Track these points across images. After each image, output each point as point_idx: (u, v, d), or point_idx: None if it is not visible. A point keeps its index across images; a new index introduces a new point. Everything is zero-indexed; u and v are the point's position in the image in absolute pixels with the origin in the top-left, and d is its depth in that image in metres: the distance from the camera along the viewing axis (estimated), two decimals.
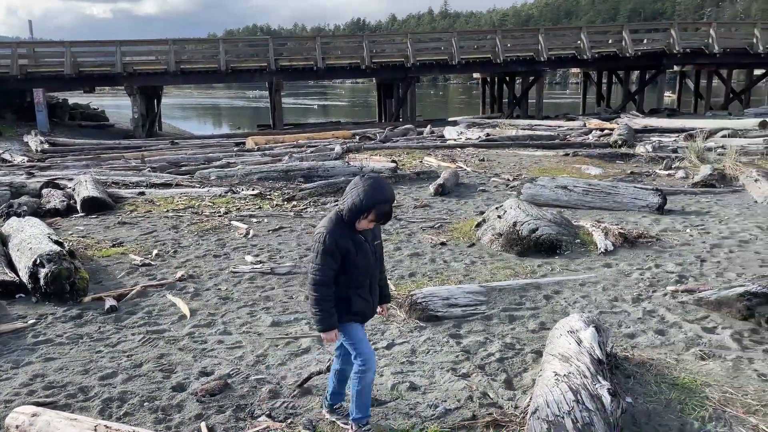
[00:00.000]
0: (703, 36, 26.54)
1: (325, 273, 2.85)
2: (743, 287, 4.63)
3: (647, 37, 27.85)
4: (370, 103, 44.82)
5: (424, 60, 25.80)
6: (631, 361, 3.77)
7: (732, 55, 26.41)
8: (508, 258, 6.21)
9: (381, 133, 18.38)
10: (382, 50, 26.87)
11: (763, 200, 8.50)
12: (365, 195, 2.79)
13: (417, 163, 12.96)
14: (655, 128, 18.22)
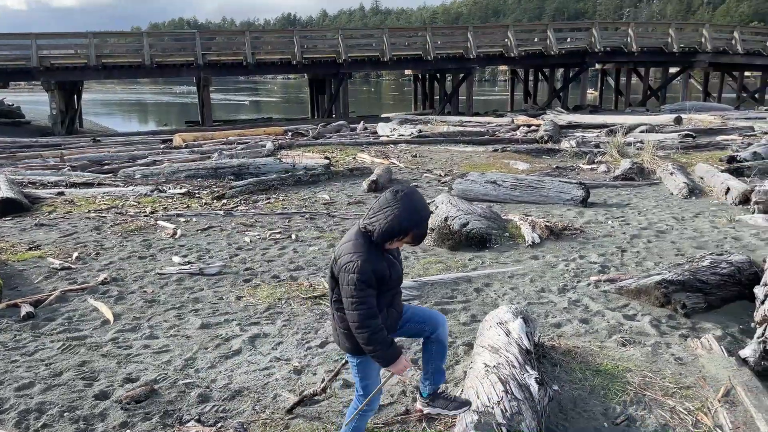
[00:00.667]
0: (623, 35, 27.72)
1: (369, 304, 2.51)
2: (660, 275, 4.86)
3: (570, 36, 28.85)
4: (302, 100, 44.39)
5: (356, 56, 25.77)
6: (557, 350, 3.89)
7: (649, 54, 27.73)
8: (440, 252, 6.29)
9: (314, 130, 18.24)
10: (314, 46, 26.67)
11: (678, 192, 8.96)
12: (402, 217, 2.48)
13: (350, 160, 12.94)
14: (579, 124, 18.87)
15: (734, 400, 3.22)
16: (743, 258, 5.14)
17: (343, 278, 2.52)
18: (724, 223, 7.24)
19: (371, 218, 2.54)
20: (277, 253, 6.32)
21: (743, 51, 27.98)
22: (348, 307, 2.53)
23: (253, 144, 15.11)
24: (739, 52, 27.90)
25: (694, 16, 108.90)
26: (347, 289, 2.52)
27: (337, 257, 2.60)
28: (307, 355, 3.95)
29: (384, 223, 2.49)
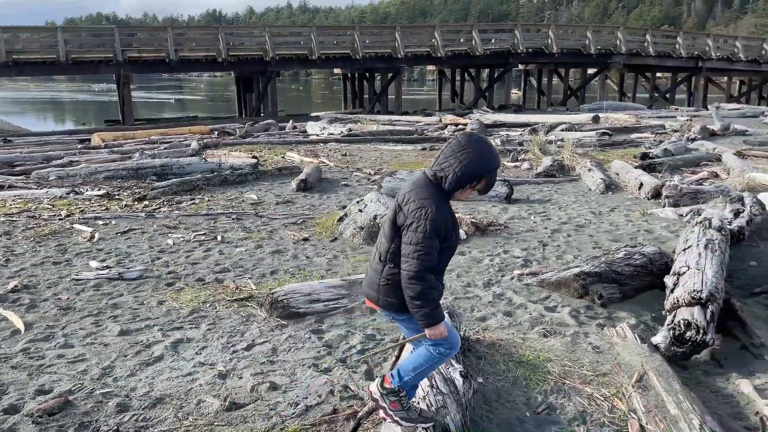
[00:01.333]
0: (544, 37, 28.71)
1: (433, 256, 2.37)
2: (578, 268, 5.06)
3: (495, 37, 29.60)
4: (229, 98, 43.47)
5: (284, 54, 25.50)
6: (482, 343, 3.98)
7: (568, 55, 28.84)
8: (369, 250, 6.30)
9: (241, 129, 17.88)
10: (241, 43, 26.16)
11: (596, 188, 9.36)
12: (478, 159, 2.38)
13: (279, 159, 12.78)
14: (504, 123, 19.38)
15: (647, 384, 3.39)
16: (655, 249, 5.43)
17: (412, 225, 2.38)
18: (637, 216, 7.62)
19: (442, 164, 2.42)
20: (201, 255, 6.16)
21: (655, 53, 29.56)
22: (409, 254, 2.38)
23: (177, 143, 14.66)
24: (651, 54, 29.46)
25: (610, 19, 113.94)
26: (414, 236, 2.37)
27: (402, 203, 2.47)
28: (233, 359, 3.87)
29: (458, 167, 2.38)
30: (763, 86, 34.13)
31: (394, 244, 2.50)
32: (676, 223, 7.17)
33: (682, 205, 7.84)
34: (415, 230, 2.37)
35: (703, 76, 31.39)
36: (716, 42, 31.77)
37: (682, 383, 3.39)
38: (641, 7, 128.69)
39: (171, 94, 57.99)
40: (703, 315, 4.03)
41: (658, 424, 3.02)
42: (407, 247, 2.40)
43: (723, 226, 5.77)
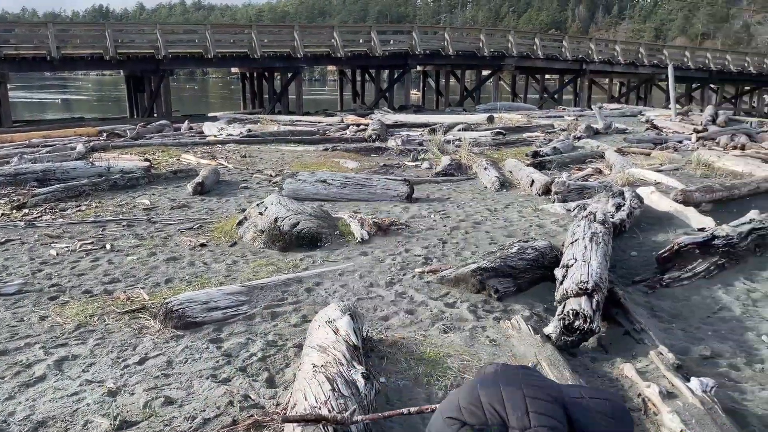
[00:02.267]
0: (440, 39, 29.48)
1: None
2: (476, 264, 5.22)
3: (393, 39, 30.06)
4: (119, 98, 41.26)
5: (178, 52, 24.56)
6: (385, 343, 4.01)
7: (464, 57, 29.78)
8: (270, 254, 6.18)
9: (132, 130, 17.01)
10: (131, 41, 24.93)
11: (491, 186, 9.70)
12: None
13: (174, 162, 12.27)
14: (404, 123, 19.68)
15: None
16: (545, 243, 5.70)
17: None
18: (529, 212, 7.98)
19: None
20: (89, 265, 5.78)
21: (543, 56, 31.14)
22: None
23: (62, 146, 13.73)
24: (540, 56, 31.01)
25: (502, 23, 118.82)
26: None
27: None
28: (124, 375, 3.66)
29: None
30: (640, 87, 36.84)
31: None
32: (565, 217, 7.56)
33: (570, 200, 8.29)
34: None
35: (587, 77, 33.43)
36: (598, 46, 33.95)
37: (572, 370, 3.57)
38: (530, 11, 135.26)
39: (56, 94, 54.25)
40: (590, 304, 4.27)
41: None
42: None
43: (606, 219, 6.15)
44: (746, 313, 4.97)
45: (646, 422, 3.27)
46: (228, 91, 62.10)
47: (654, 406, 3.34)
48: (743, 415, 3.44)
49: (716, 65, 36.17)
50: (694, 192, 7.81)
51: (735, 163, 10.29)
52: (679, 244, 5.72)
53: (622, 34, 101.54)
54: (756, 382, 3.89)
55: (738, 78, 37.76)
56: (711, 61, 36.10)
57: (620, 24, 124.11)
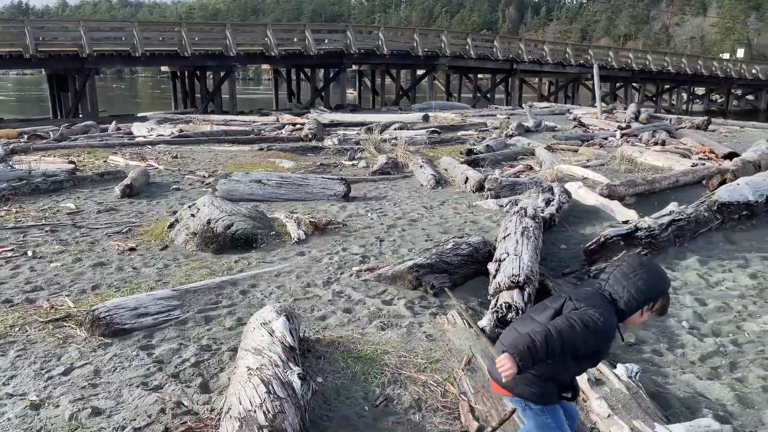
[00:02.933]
0: (375, 39, 29.57)
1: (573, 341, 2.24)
2: (412, 261, 5.27)
3: (328, 38, 29.94)
4: (42, 98, 39.33)
5: (104, 51, 23.65)
6: (322, 342, 3.99)
7: (398, 57, 29.99)
8: (204, 257, 6.04)
9: (56, 131, 16.24)
10: (53, 38, 23.84)
11: (427, 183, 9.82)
12: (653, 282, 2.34)
13: (101, 164, 11.79)
14: (341, 122, 19.65)
15: (475, 367, 3.62)
16: (479, 239, 5.81)
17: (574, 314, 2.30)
18: (464, 209, 8.12)
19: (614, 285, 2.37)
20: (8, 273, 5.48)
21: (476, 56, 31.75)
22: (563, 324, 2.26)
23: None
24: (472, 56, 31.59)
25: (435, 23, 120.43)
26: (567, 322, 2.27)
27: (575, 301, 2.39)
28: (48, 387, 3.49)
29: (633, 289, 2.34)
30: (568, 86, 38.12)
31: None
32: (498, 213, 7.74)
33: (503, 196, 8.49)
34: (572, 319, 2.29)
35: (517, 77, 34.32)
36: (528, 46, 34.90)
37: None
38: (463, 12, 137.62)
39: None
40: (522, 297, 4.39)
41: (486, 402, 3.23)
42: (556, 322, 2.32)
43: (536, 214, 6.34)
44: None
45: (577, 409, 3.39)
46: (158, 90, 60.24)
47: (584, 394, 3.46)
48: (666, 398, 3.62)
49: (638, 65, 37.86)
50: (618, 186, 8.15)
51: (656, 158, 10.80)
52: (605, 237, 5.95)
53: (550, 34, 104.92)
54: (677, 366, 4.09)
55: (658, 77, 39.66)
56: (633, 61, 37.77)
57: (548, 25, 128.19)
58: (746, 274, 5.77)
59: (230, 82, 26.72)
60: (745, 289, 5.44)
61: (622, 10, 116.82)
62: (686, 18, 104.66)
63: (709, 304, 5.13)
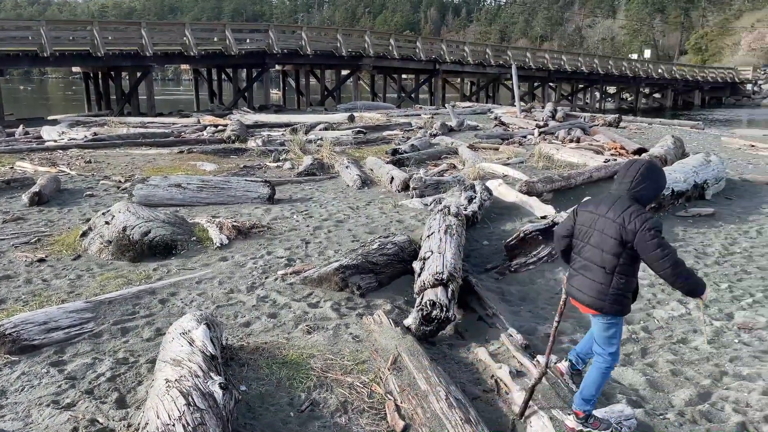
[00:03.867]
0: (298, 39, 29.27)
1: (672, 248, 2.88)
2: (338, 262, 5.25)
3: (250, 37, 29.38)
4: None
5: (8, 51, 22.23)
6: (246, 349, 3.90)
7: (322, 57, 29.83)
8: (120, 266, 5.79)
9: None
10: None
11: (353, 184, 9.82)
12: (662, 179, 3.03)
13: (6, 170, 11.09)
14: (265, 123, 19.34)
15: (400, 365, 3.64)
16: (404, 238, 5.86)
17: (643, 237, 2.84)
18: (390, 208, 8.17)
19: (638, 187, 2.95)
20: None
21: (399, 56, 32.03)
22: (657, 258, 2.83)
23: None
24: (396, 57, 31.86)
25: (358, 23, 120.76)
26: (651, 244, 2.83)
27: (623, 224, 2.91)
28: None
29: (653, 187, 2.97)
30: (489, 86, 39.12)
31: (621, 258, 2.96)
32: (423, 212, 7.83)
33: (427, 195, 8.60)
34: (650, 239, 2.84)
35: (440, 77, 34.89)
36: (449, 47, 35.53)
37: (430, 359, 3.70)
38: (385, 13, 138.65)
39: None
40: (446, 294, 4.46)
41: (411, 401, 3.25)
42: (652, 255, 2.86)
43: (459, 212, 6.46)
44: None
45: (500, 401, 3.48)
46: (70, 92, 57.35)
47: (506, 386, 3.56)
48: None
49: (554, 65, 39.34)
50: (536, 183, 8.42)
51: (571, 155, 11.25)
52: (524, 232, 6.14)
53: (471, 35, 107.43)
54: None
55: (572, 77, 41.37)
56: (549, 62, 39.20)
57: (469, 26, 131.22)
58: None
59: (147, 83, 25.73)
60: (655, 278, 5.74)
61: (538, 12, 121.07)
62: (597, 20, 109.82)
63: None
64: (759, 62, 65.62)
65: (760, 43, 70.31)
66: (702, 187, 8.68)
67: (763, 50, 69.86)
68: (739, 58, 68.44)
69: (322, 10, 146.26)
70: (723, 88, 53.94)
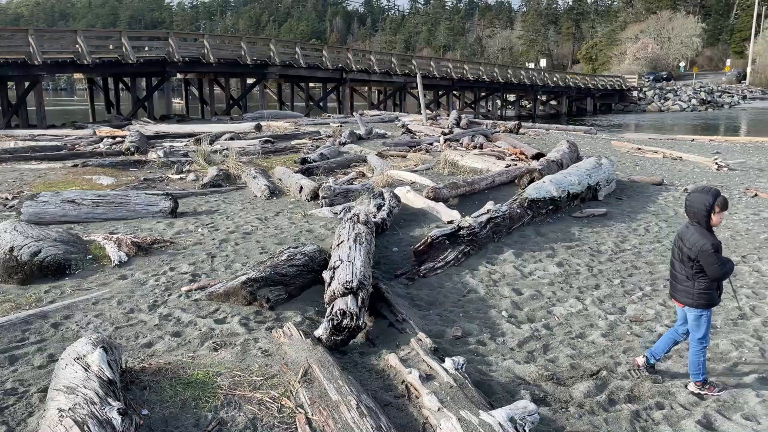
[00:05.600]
0: (200, 46, 28.48)
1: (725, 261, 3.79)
2: (246, 275, 5.13)
3: (149, 45, 28.28)
4: None
5: None
6: (148, 371, 3.73)
7: (226, 65, 29.19)
8: (7, 290, 5.37)
9: None
10: None
11: (261, 194, 9.65)
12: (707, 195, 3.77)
13: None
14: (167, 134, 18.66)
15: (311, 377, 3.60)
16: (314, 248, 5.82)
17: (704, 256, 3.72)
18: (299, 218, 8.09)
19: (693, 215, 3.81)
20: None
21: (305, 65, 31.92)
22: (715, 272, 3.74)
23: None
24: (302, 65, 31.72)
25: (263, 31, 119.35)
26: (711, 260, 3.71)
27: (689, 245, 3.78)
28: None
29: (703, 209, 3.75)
30: (395, 94, 39.73)
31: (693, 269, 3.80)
32: (333, 220, 7.82)
33: (337, 203, 8.60)
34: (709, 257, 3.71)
35: (347, 86, 35.09)
36: (356, 56, 35.82)
37: (341, 369, 3.68)
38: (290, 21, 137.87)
39: None
40: (356, 302, 4.47)
41: (322, 412, 3.22)
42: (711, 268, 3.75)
43: (369, 219, 6.50)
44: (489, 293, 5.64)
45: (410, 406, 3.51)
46: None
47: (416, 390, 3.60)
48: (490, 385, 3.88)
49: (457, 74, 40.55)
50: (442, 189, 8.63)
51: (475, 161, 11.62)
52: (432, 238, 6.27)
53: (376, 45, 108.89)
54: (499, 354, 4.42)
55: (475, 85, 42.80)
56: (452, 71, 40.37)
57: (374, 35, 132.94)
58: (554, 263, 6.41)
59: (37, 93, 24.13)
60: (554, 277, 6.03)
61: (440, 23, 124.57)
62: (496, 30, 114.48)
63: (524, 293, 5.62)
64: (643, 70, 70.74)
65: (644, 53, 75.73)
66: (595, 189, 9.22)
67: (647, 59, 75.33)
68: (625, 66, 73.42)
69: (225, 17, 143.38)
70: (612, 95, 57.61)
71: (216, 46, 29.12)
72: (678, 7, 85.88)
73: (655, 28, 79.60)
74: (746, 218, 8.77)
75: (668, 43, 78.02)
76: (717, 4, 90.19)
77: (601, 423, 3.53)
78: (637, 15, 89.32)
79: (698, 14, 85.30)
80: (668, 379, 4.08)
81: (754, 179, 12.23)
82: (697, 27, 78.74)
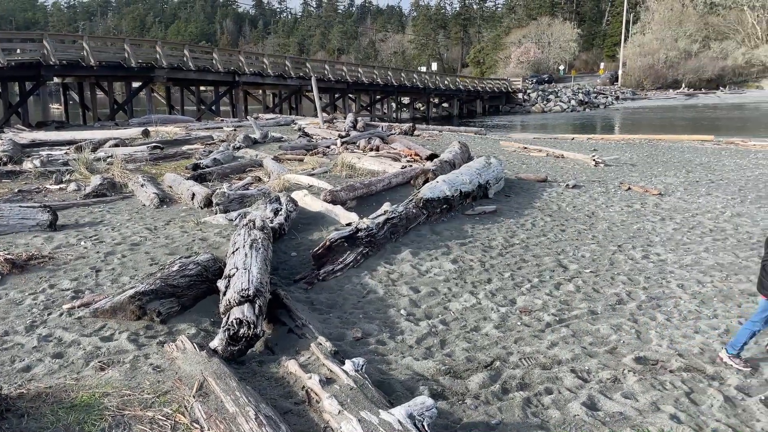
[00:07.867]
0: (79, 48, 26.78)
1: None
2: (133, 289, 4.87)
3: (21, 47, 26.22)
4: None
5: None
6: (26, 397, 3.45)
7: (109, 68, 27.62)
8: None
9: None
10: None
11: (150, 203, 9.22)
12: None
13: None
14: (45, 142, 17.37)
15: (207, 391, 3.47)
16: (208, 256, 5.64)
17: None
18: (192, 226, 7.81)
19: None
20: None
21: (195, 67, 30.86)
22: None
23: None
24: (191, 68, 30.64)
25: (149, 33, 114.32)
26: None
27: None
28: None
29: None
30: (291, 98, 39.35)
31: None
32: (228, 227, 7.61)
33: (232, 210, 8.38)
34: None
35: (240, 89, 34.30)
36: (249, 59, 35.09)
37: (239, 380, 3.59)
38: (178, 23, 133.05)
39: None
40: (253, 311, 4.37)
41: (219, 426, 3.12)
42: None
43: (265, 225, 6.39)
44: (388, 292, 5.71)
45: (311, 412, 3.49)
46: None
47: (316, 395, 3.57)
48: (390, 384, 3.94)
49: (351, 77, 40.77)
50: (340, 191, 8.65)
51: (372, 163, 11.74)
52: (330, 240, 6.26)
53: (269, 47, 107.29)
54: (398, 352, 4.48)
55: (370, 88, 43.25)
56: (347, 74, 40.56)
57: (267, 38, 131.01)
58: (449, 260, 6.60)
59: None
60: (449, 274, 6.21)
61: (333, 26, 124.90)
62: (389, 34, 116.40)
63: (421, 291, 5.74)
64: (527, 73, 74.55)
65: (527, 57, 79.88)
66: (485, 187, 9.59)
67: (530, 63, 79.50)
68: (511, 70, 77.10)
69: (107, 18, 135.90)
70: (500, 97, 60.21)
71: (97, 48, 27.52)
72: (556, 13, 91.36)
73: (536, 33, 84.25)
74: (621, 210, 9.47)
75: (549, 48, 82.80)
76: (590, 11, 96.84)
77: (495, 412, 3.68)
78: (520, 21, 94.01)
79: (574, 20, 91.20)
80: (556, 366, 4.32)
81: (627, 174, 13.24)
82: (573, 32, 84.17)
